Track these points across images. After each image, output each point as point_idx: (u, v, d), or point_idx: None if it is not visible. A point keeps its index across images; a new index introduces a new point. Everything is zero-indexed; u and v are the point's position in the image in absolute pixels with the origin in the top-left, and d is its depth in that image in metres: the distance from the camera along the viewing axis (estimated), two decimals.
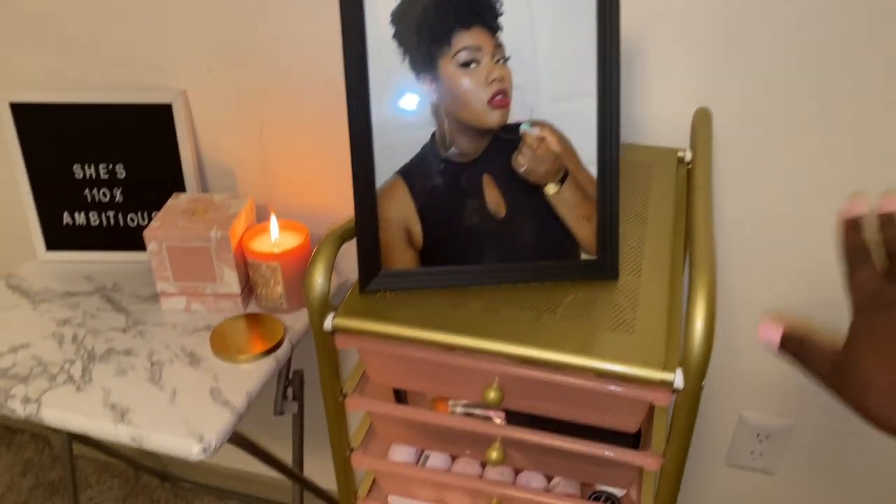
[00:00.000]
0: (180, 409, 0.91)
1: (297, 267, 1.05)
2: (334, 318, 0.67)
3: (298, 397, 1.16)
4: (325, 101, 1.06)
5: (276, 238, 1.07)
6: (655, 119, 0.93)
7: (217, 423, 0.89)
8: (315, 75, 1.04)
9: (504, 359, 0.66)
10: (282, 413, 1.15)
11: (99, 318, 1.07)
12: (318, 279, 0.67)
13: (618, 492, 0.78)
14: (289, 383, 1.15)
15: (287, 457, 1.25)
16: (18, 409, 0.92)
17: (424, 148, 0.68)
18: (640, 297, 0.69)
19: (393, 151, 0.68)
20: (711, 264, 0.61)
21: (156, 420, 0.89)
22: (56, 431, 1.44)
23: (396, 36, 0.65)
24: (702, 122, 0.83)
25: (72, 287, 1.14)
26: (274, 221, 1.07)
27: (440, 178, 0.68)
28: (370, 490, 0.85)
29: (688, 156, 0.90)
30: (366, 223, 0.68)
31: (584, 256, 0.71)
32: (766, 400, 1.14)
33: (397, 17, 0.65)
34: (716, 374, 1.14)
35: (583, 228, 0.70)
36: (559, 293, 0.70)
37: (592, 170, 0.69)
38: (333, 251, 0.68)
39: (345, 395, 0.74)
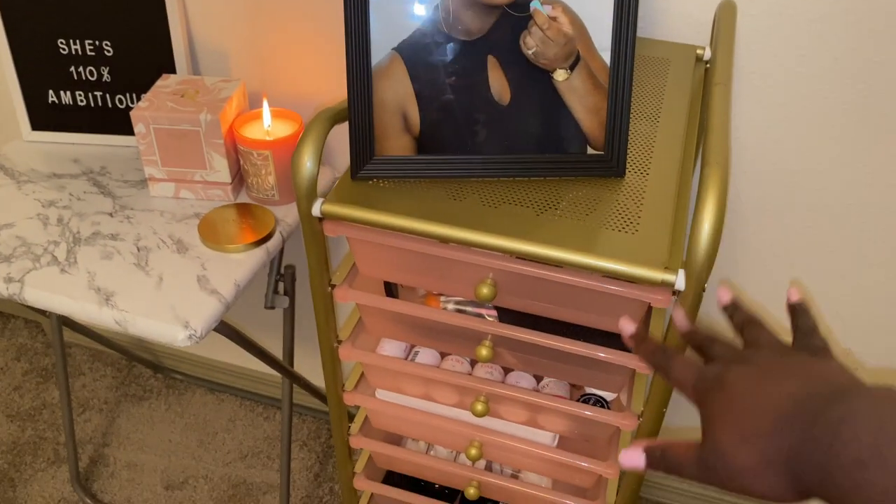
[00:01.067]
0: (166, 295, 0.89)
1: (290, 156, 1.01)
2: (323, 203, 0.64)
3: (290, 292, 1.14)
4: None
5: (268, 125, 1.02)
6: (674, 12, 0.87)
7: (204, 310, 0.87)
8: None
9: (499, 254, 0.63)
10: (272, 307, 1.13)
11: (85, 202, 1.04)
12: (307, 161, 0.63)
13: (608, 395, 0.77)
14: (280, 278, 1.13)
15: (278, 352, 1.24)
16: (1, 289, 0.90)
17: (426, 23, 0.63)
18: (646, 197, 0.66)
19: (391, 26, 0.63)
20: (725, 161, 0.57)
21: (141, 305, 0.87)
22: (48, 316, 1.43)
23: None
24: (726, 15, 0.77)
25: (58, 169, 1.11)
26: (266, 108, 1.02)
27: (441, 58, 0.64)
28: (357, 384, 0.84)
29: (707, 54, 0.85)
30: (359, 104, 0.64)
31: (590, 151, 0.67)
32: (764, 315, 1.12)
33: None
34: (715, 285, 1.11)
35: (591, 120, 0.66)
36: (562, 190, 0.67)
37: (606, 56, 0.64)
38: (323, 132, 0.64)
39: (333, 286, 0.72)
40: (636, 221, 0.63)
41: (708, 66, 0.85)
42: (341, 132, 0.80)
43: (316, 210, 0.64)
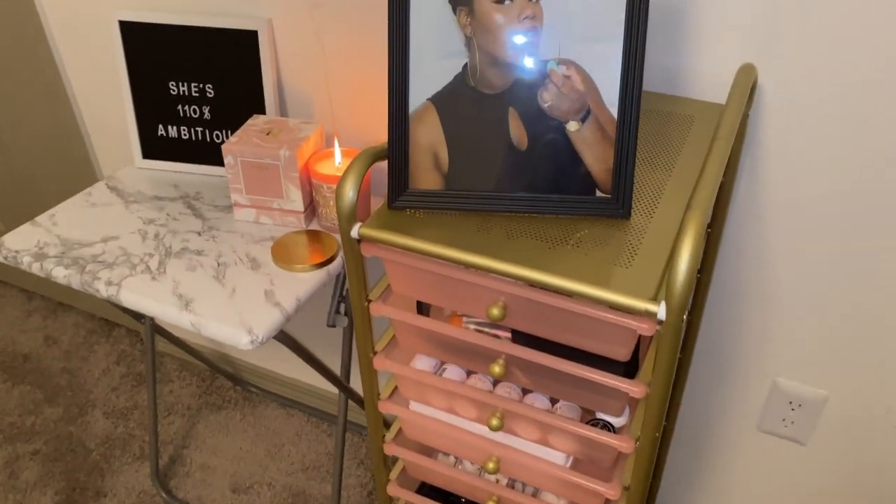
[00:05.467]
0: (237, 304, 1.01)
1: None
2: (361, 227, 0.74)
3: (349, 313, 1.25)
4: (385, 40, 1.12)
5: (338, 163, 1.15)
6: (703, 72, 0.94)
7: (267, 319, 0.99)
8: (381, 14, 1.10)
9: (510, 280, 0.71)
10: (333, 326, 1.24)
11: (180, 221, 1.19)
12: (349, 190, 0.74)
13: (616, 421, 0.83)
14: (342, 299, 1.24)
15: (337, 367, 1.36)
16: (102, 290, 1.05)
17: (456, 78, 0.73)
18: (646, 237, 0.73)
19: (427, 80, 0.73)
20: (705, 206, 0.64)
21: (214, 311, 1.00)
22: (143, 323, 1.60)
23: None
24: (742, 77, 0.84)
25: (160, 192, 1.27)
26: (337, 147, 1.15)
27: (468, 108, 0.74)
28: (392, 394, 0.93)
29: None
30: (397, 144, 0.75)
31: (599, 194, 0.75)
32: (801, 367, 1.14)
33: None
34: (750, 336, 1.15)
35: (599, 167, 0.74)
36: (573, 227, 0.75)
37: (614, 111, 0.72)
38: (364, 166, 0.75)
39: (369, 301, 0.82)
40: (633, 257, 0.70)
41: None
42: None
43: (354, 233, 0.75)
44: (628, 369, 0.76)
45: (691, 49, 0.93)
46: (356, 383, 1.61)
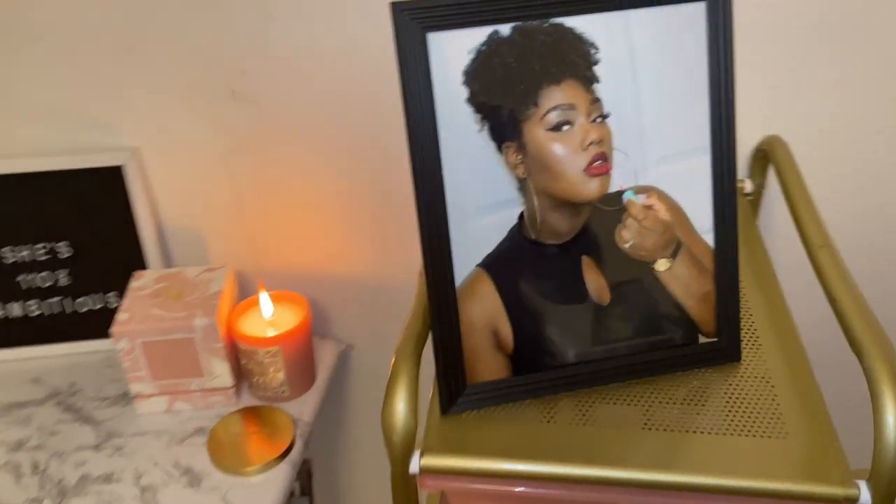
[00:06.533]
0: None
1: (300, 347, 0.89)
2: (422, 457, 0.53)
3: (308, 492, 1.00)
4: (308, 139, 0.90)
5: (269, 316, 0.91)
6: None
7: None
8: (291, 105, 0.88)
9: (634, 486, 0.54)
10: None
11: (61, 435, 0.88)
12: (400, 411, 0.52)
13: None
14: (296, 476, 0.99)
15: None
16: None
17: (510, 232, 0.55)
18: (772, 381, 0.59)
19: (473, 241, 0.54)
20: (888, 346, 0.51)
21: None
22: None
23: (471, 99, 0.51)
24: (782, 155, 0.73)
25: (18, 396, 0.94)
26: (266, 298, 0.90)
27: (531, 267, 0.55)
28: None
29: (747, 186, 0.81)
30: (446, 332, 0.55)
31: (701, 339, 0.60)
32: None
33: (471, 77, 0.51)
34: None
35: (700, 307, 0.59)
36: (673, 382, 0.59)
37: (708, 238, 0.57)
38: (414, 372, 0.54)
39: None
40: (778, 418, 0.55)
41: (750, 198, 0.81)
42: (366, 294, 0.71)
43: (414, 467, 0.53)
44: None
45: None
46: None
